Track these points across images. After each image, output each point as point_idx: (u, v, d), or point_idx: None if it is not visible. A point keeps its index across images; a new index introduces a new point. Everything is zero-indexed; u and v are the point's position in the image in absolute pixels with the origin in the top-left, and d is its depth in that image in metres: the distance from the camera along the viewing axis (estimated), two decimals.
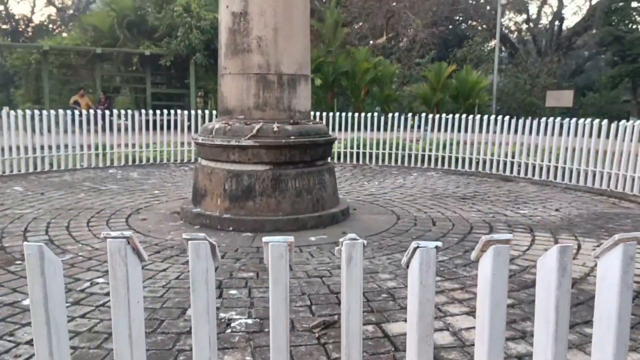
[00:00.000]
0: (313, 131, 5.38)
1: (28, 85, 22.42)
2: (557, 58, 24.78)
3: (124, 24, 20.90)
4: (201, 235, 1.38)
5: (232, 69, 5.35)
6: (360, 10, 25.92)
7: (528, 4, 30.40)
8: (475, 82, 20.99)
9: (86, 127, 9.45)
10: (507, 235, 1.37)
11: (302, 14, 5.50)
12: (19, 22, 36.25)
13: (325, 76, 20.12)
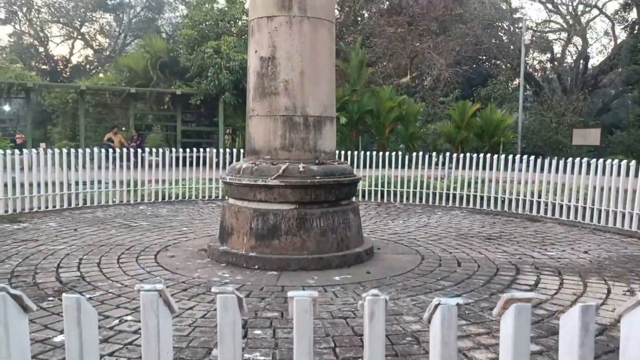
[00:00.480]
0: (338, 171, 5.48)
1: (65, 123, 23.27)
2: (583, 96, 24.65)
3: (157, 65, 21.68)
4: (229, 289, 1.43)
5: (260, 111, 5.53)
6: (385, 51, 26.36)
7: (552, 43, 30.52)
8: (499, 120, 20.97)
9: (119, 164, 9.76)
10: (530, 293, 1.38)
11: (327, 58, 5.69)
12: (58, 62, 37.91)
13: (350, 114, 20.38)
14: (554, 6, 29.45)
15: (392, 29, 26.16)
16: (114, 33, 40.04)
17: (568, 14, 29.09)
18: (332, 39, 5.75)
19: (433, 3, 26.57)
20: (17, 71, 22.86)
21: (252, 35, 5.60)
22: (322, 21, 5.54)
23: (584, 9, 29.15)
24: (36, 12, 36.60)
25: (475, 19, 27.63)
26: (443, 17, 26.89)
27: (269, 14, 5.44)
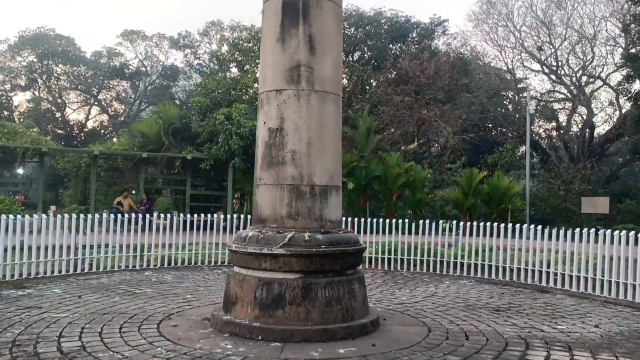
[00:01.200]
0: (343, 240, 5.50)
1: (76, 186, 23.64)
2: (591, 165, 24.78)
3: (169, 130, 22.25)
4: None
5: (267, 180, 5.63)
6: (392, 118, 26.92)
7: (557, 112, 31.04)
8: (507, 187, 21.03)
9: (127, 227, 9.83)
10: None
11: (334, 129, 5.85)
12: (74, 127, 39.02)
13: (357, 180, 20.55)
14: (557, 77, 30.20)
15: (399, 97, 26.84)
16: (130, 99, 41.40)
17: (572, 85, 29.77)
18: (338, 111, 5.94)
19: (439, 73, 27.38)
20: (33, 136, 23.52)
21: (262, 107, 5.80)
22: (329, 94, 5.75)
23: (588, 80, 29.84)
24: (55, 79, 38.09)
25: (481, 89, 28.32)
26: (449, 87, 27.61)
27: (278, 88, 5.66)
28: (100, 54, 38.14)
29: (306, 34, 5.62)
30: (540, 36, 29.77)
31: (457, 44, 33.18)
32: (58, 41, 36.32)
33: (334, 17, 5.87)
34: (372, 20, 33.52)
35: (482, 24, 31.04)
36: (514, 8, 30.37)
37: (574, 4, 28.71)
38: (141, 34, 38.86)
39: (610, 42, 28.27)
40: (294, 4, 5.64)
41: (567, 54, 29.57)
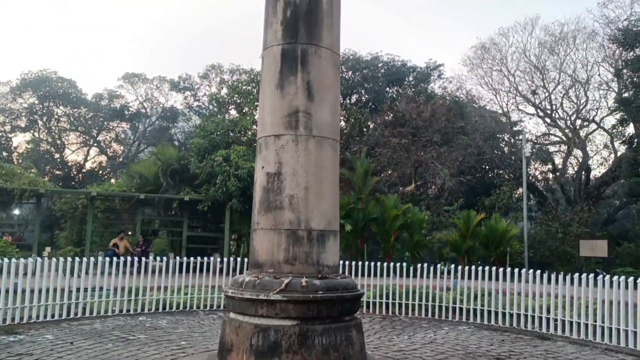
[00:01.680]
0: (341, 286, 5.44)
1: (72, 227, 23.49)
2: (588, 207, 24.83)
3: (167, 172, 22.32)
4: None
5: (264, 225, 5.62)
6: (389, 160, 27.11)
7: (553, 155, 31.31)
8: (504, 230, 21.00)
9: (122, 270, 9.72)
10: None
11: (331, 174, 5.88)
12: (72, 168, 39.11)
13: (355, 222, 20.51)
14: (552, 120, 30.61)
15: (397, 139, 27.12)
16: (129, 141, 41.68)
17: (567, 128, 30.15)
18: (336, 156, 5.99)
19: (435, 116, 27.77)
20: (31, 177, 23.54)
21: (260, 152, 5.85)
22: (327, 139, 5.81)
23: (582, 123, 30.24)
24: (56, 121, 38.45)
25: (477, 131, 28.65)
26: (445, 129, 27.94)
27: (276, 133, 5.72)
28: (101, 96, 38.65)
29: (304, 80, 5.72)
30: (534, 80, 30.36)
31: (453, 87, 33.81)
32: (60, 83, 36.85)
33: (332, 65, 5.99)
34: (369, 64, 34.22)
35: (477, 69, 31.69)
36: (508, 53, 31.07)
37: (567, 50, 29.41)
38: (142, 76, 39.51)
39: (603, 87, 28.81)
40: (293, 52, 5.77)
41: (561, 97, 30.08)
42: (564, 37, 29.30)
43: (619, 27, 25.14)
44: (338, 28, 6.15)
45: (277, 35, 5.82)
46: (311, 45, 5.75)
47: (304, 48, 5.73)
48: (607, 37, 26.68)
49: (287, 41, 5.76)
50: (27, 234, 26.40)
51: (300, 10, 5.77)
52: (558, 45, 29.48)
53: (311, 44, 5.75)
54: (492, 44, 31.23)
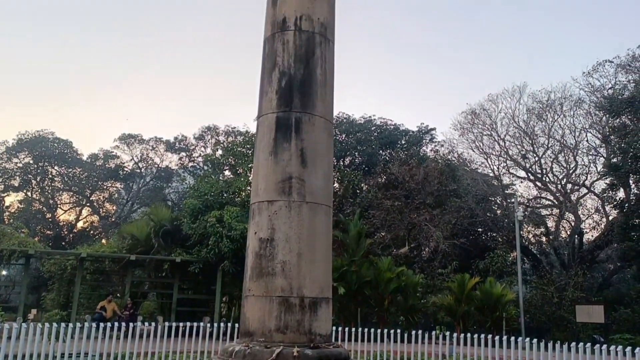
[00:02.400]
0: (333, 355, 5.33)
1: (60, 289, 23.00)
2: (582, 271, 24.70)
3: (160, 232, 22.16)
4: None
5: (256, 291, 5.56)
6: (383, 222, 27.09)
7: (546, 218, 31.43)
8: (500, 294, 20.76)
9: (109, 334, 9.46)
10: None
11: (324, 240, 5.89)
12: (63, 228, 38.75)
13: (349, 285, 20.25)
14: (543, 184, 30.96)
15: (390, 202, 27.23)
16: (122, 201, 41.59)
17: (557, 192, 30.46)
18: (329, 221, 6.01)
19: (428, 179, 28.05)
20: (21, 237, 23.28)
21: (253, 217, 5.87)
22: (320, 206, 5.86)
23: (573, 187, 30.58)
24: (49, 181, 38.48)
25: (469, 194, 28.86)
26: (438, 192, 28.13)
27: (269, 199, 5.77)
28: (97, 157, 38.91)
29: (298, 148, 5.84)
30: (524, 145, 30.95)
31: (445, 150, 34.34)
32: (56, 144, 37.19)
33: (325, 132, 6.13)
34: (362, 127, 34.89)
35: (468, 133, 32.35)
36: (497, 119, 31.83)
37: (554, 116, 30.17)
38: (138, 137, 39.98)
39: (592, 152, 29.36)
40: (287, 120, 5.92)
41: (551, 162, 30.58)
42: (551, 104, 30.16)
43: (604, 95, 25.97)
44: (331, 97, 6.34)
45: (272, 103, 5.99)
46: (305, 113, 5.92)
47: (298, 116, 5.89)
48: (594, 105, 27.50)
49: (281, 109, 5.92)
50: (14, 296, 25.79)
51: (295, 80, 5.96)
52: (546, 111, 30.29)
53: (305, 112, 5.92)
54: (482, 110, 32.06)
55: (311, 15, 6.02)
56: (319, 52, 6.04)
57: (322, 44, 6.07)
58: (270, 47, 6.12)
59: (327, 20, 6.19)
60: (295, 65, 5.95)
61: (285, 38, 6.00)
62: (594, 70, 28.02)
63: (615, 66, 26.76)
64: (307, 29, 5.99)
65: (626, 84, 25.58)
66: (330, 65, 6.20)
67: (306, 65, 5.97)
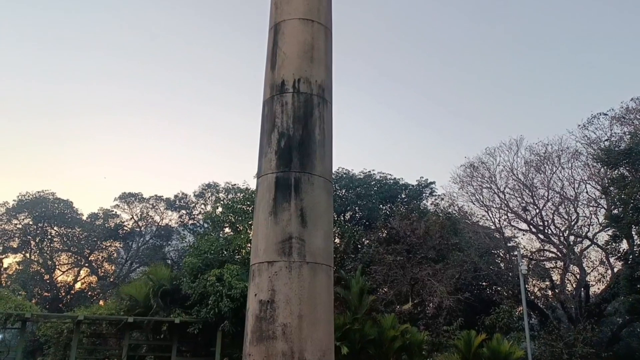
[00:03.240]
0: None
1: (56, 353, 22.37)
2: (590, 326, 24.10)
3: (159, 293, 21.81)
4: None
5: (256, 356, 5.40)
6: (385, 278, 26.70)
7: (550, 271, 31.00)
8: (507, 352, 20.16)
9: None
10: None
11: (326, 300, 5.78)
12: (61, 290, 38.19)
13: (352, 344, 19.70)
14: (545, 236, 30.73)
15: (392, 256, 26.94)
16: (121, 260, 41.22)
17: (560, 244, 30.19)
18: (330, 282, 5.92)
19: (429, 233, 27.88)
20: (18, 301, 22.90)
21: (253, 279, 5.79)
22: (320, 266, 5.78)
23: (576, 239, 30.33)
24: (48, 241, 38.28)
25: (471, 247, 28.59)
26: (440, 246, 27.89)
27: (269, 259, 5.71)
28: (97, 216, 38.89)
29: (298, 207, 5.84)
30: (524, 197, 30.94)
31: (445, 204, 34.28)
32: (56, 204, 37.29)
33: (325, 192, 6.14)
34: (362, 182, 35.03)
35: (467, 186, 32.41)
36: (496, 172, 31.98)
37: (552, 168, 30.34)
38: (139, 196, 40.10)
39: (592, 204, 29.30)
40: (286, 180, 5.95)
41: (552, 214, 30.47)
42: (548, 157, 30.40)
43: (601, 147, 26.22)
44: (330, 156, 6.39)
45: (272, 164, 6.03)
46: (304, 173, 5.96)
47: (297, 176, 5.92)
48: (591, 157, 27.71)
49: (281, 170, 5.97)
50: None
51: (294, 141, 6.04)
52: (544, 164, 30.49)
53: (304, 172, 5.96)
54: (481, 163, 32.28)
55: (309, 77, 6.17)
56: (317, 113, 6.14)
57: (320, 105, 6.18)
58: (269, 109, 6.23)
59: (325, 81, 6.33)
60: (294, 126, 6.04)
61: (284, 100, 6.12)
62: (589, 123, 28.45)
63: (610, 118, 27.20)
64: (305, 91, 6.12)
65: (622, 136, 25.90)
66: (328, 126, 6.28)
67: (305, 126, 6.06)
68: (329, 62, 6.41)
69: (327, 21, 6.50)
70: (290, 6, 6.34)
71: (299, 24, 6.25)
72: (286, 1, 6.42)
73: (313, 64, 6.27)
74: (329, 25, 6.50)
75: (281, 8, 6.43)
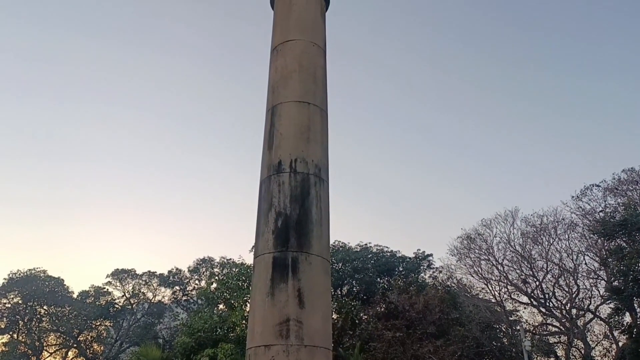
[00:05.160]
0: None
1: None
2: None
3: None
4: None
5: None
6: (385, 355, 25.83)
7: (554, 346, 30.09)
8: None
9: None
10: None
11: None
12: None
13: None
14: (547, 310, 30.11)
15: (391, 333, 26.20)
16: (110, 340, 39.84)
17: (563, 317, 29.53)
18: None
19: (429, 307, 27.28)
20: None
21: None
22: (319, 349, 5.58)
23: (578, 313, 29.71)
24: (37, 321, 37.16)
25: (472, 322, 27.90)
26: (440, 321, 27.21)
27: (266, 343, 5.51)
28: (88, 294, 38.05)
29: (295, 288, 5.72)
30: (522, 269, 30.58)
31: (444, 277, 33.79)
32: (47, 282, 36.61)
33: (322, 271, 6.05)
34: (359, 255, 34.67)
35: (465, 258, 32.08)
36: (493, 243, 31.79)
37: (549, 240, 30.22)
38: (131, 272, 39.44)
39: (592, 275, 28.95)
40: (284, 260, 5.86)
41: (552, 286, 30.01)
42: (544, 228, 30.36)
43: (596, 219, 26.30)
44: (327, 234, 6.35)
45: (269, 244, 5.97)
46: (302, 253, 5.89)
47: (295, 256, 5.85)
48: (587, 228, 27.71)
49: (278, 249, 5.90)
50: None
51: (291, 220, 6.01)
52: (540, 235, 30.40)
53: (302, 251, 5.89)
54: (477, 235, 32.14)
55: (306, 157, 6.25)
56: (314, 192, 6.16)
57: (317, 184, 6.22)
58: (266, 189, 6.25)
59: (322, 161, 6.41)
60: (291, 205, 6.04)
61: (281, 179, 6.16)
62: (583, 194, 28.68)
63: (603, 190, 27.46)
64: (302, 171, 6.18)
65: (616, 207, 26.04)
66: (325, 204, 6.29)
67: (302, 205, 6.06)
68: (325, 142, 6.52)
69: (323, 103, 6.69)
70: (287, 89, 6.54)
71: (296, 106, 6.42)
72: (283, 85, 6.63)
73: (309, 144, 6.37)
74: (325, 106, 6.68)
75: (278, 91, 6.63)
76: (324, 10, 7.72)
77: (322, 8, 7.65)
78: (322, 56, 7.23)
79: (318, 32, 7.34)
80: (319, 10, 7.49)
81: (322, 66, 7.11)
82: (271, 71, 7.03)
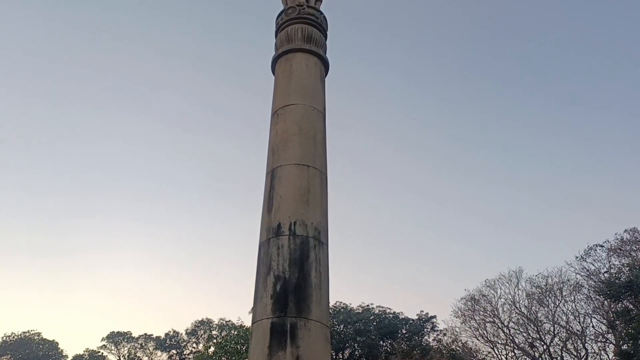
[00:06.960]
0: None
1: None
2: None
3: None
4: None
5: None
6: None
7: None
8: None
9: None
10: None
11: None
12: None
13: None
14: None
15: None
16: None
17: None
18: None
19: None
20: None
21: None
22: None
23: None
24: None
25: None
26: None
27: None
28: (82, 358, 36.96)
29: (294, 356, 5.54)
30: (529, 332, 29.79)
31: (448, 340, 32.87)
32: (41, 345, 35.72)
33: (322, 338, 5.87)
34: (360, 317, 33.91)
35: (470, 320, 31.34)
36: (498, 305, 31.15)
37: (555, 301, 29.61)
38: (127, 335, 38.46)
39: (600, 339, 28.16)
40: (282, 326, 5.70)
41: (560, 350, 29.13)
42: (550, 289, 29.82)
43: (601, 280, 25.85)
44: (327, 299, 6.21)
45: (267, 309, 5.83)
46: (300, 318, 5.73)
47: (293, 322, 5.69)
48: (593, 289, 27.20)
49: (276, 315, 5.75)
50: None
51: (290, 284, 5.90)
52: (546, 296, 29.82)
53: (300, 317, 5.74)
54: (481, 296, 31.56)
55: (305, 220, 6.21)
56: (313, 255, 6.08)
57: (317, 247, 6.15)
58: (265, 252, 6.18)
59: (321, 224, 6.36)
60: (290, 269, 5.95)
61: (280, 243, 6.09)
62: (587, 255, 28.35)
63: (607, 250, 27.17)
64: (302, 234, 6.12)
65: (621, 267, 25.67)
66: (324, 268, 6.19)
67: (301, 269, 5.97)
68: (325, 205, 6.51)
69: (322, 166, 6.73)
70: (287, 152, 6.60)
71: (295, 169, 6.45)
72: (283, 148, 6.70)
73: (309, 207, 6.35)
74: (324, 169, 6.72)
75: (278, 154, 6.69)
76: (324, 76, 7.92)
77: (322, 73, 7.85)
78: (321, 120, 7.35)
79: (318, 96, 7.49)
80: (318, 76, 7.67)
81: (322, 130, 7.21)
82: (271, 134, 7.13)
